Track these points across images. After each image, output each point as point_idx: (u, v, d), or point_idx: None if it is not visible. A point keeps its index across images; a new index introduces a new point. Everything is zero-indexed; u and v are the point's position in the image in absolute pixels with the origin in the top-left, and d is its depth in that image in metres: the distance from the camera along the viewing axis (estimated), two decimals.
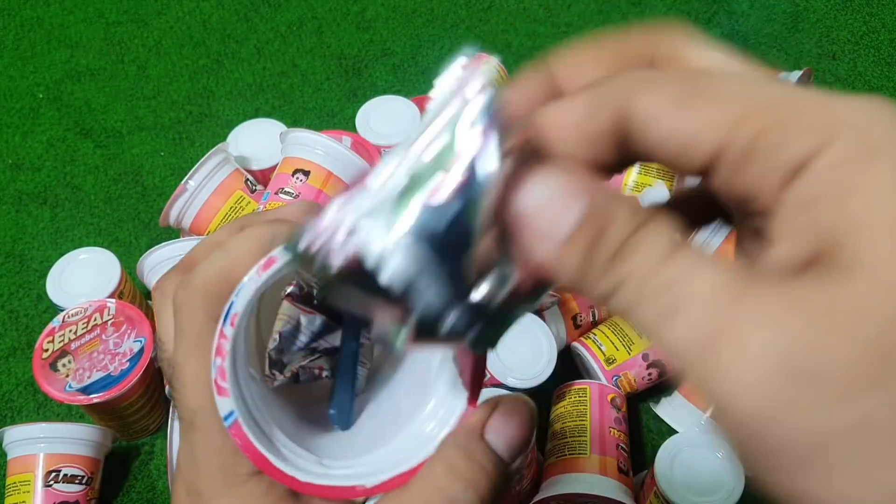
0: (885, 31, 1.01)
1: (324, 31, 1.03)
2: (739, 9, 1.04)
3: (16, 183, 0.90)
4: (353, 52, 1.01)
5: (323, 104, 0.96)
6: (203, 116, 0.96)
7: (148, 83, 0.99)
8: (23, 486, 0.65)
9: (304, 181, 0.72)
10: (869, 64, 0.98)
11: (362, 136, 0.81)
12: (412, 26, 1.03)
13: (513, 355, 0.65)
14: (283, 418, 0.26)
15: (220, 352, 0.23)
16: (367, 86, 0.98)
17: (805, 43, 1.00)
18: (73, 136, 0.94)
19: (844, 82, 0.96)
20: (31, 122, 0.96)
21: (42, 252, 0.85)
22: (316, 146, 0.73)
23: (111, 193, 0.89)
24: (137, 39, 1.03)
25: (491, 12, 1.04)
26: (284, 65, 1.00)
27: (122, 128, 0.95)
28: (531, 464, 0.65)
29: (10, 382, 0.77)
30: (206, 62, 1.01)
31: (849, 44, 1.00)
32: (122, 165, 0.92)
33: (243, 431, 0.23)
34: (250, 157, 0.83)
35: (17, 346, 0.79)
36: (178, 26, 1.04)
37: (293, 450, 0.25)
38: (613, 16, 1.04)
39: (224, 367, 0.23)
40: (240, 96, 0.97)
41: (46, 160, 0.92)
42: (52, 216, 0.88)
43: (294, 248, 0.21)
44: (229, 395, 0.23)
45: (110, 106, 0.97)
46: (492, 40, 1.02)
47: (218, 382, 0.23)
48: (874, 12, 1.03)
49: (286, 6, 1.06)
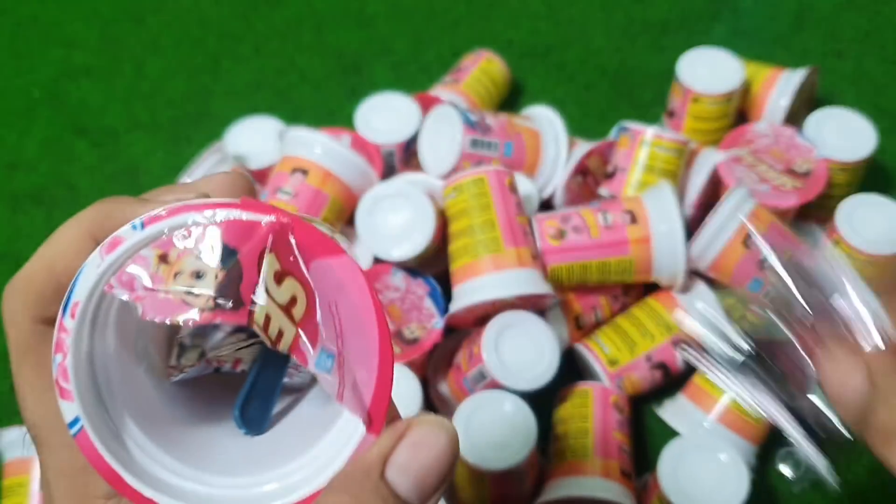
0: (891, 29, 1.00)
1: (323, 29, 1.03)
2: (743, 6, 1.03)
3: (11, 182, 0.90)
4: (352, 50, 1.00)
5: (322, 102, 0.96)
6: (200, 115, 0.95)
7: (145, 81, 0.98)
8: (19, 488, 0.64)
9: (303, 180, 0.72)
10: (874, 62, 0.97)
11: (362, 134, 0.80)
12: (412, 24, 1.02)
13: (514, 357, 0.64)
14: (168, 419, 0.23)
15: (59, 348, 0.20)
16: (366, 84, 0.97)
17: (810, 41, 0.99)
18: (69, 135, 0.94)
19: (850, 81, 0.95)
20: (26, 120, 0.95)
21: None
22: (314, 145, 0.72)
23: (108, 193, 0.88)
24: (134, 37, 1.03)
25: (492, 9, 1.04)
26: (283, 63, 0.99)
27: (119, 126, 0.94)
28: (533, 466, 0.64)
29: (5, 385, 0.76)
30: (204, 60, 1.00)
31: (854, 42, 0.99)
32: (119, 164, 0.91)
33: (90, 440, 0.20)
34: (248, 155, 0.82)
35: None
36: (175, 24, 1.04)
37: (165, 463, 0.22)
38: (616, 13, 1.03)
39: (66, 366, 0.20)
40: (237, 94, 0.97)
41: (42, 159, 0.92)
42: (48, 216, 0.87)
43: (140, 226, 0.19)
44: (73, 398, 0.20)
45: (106, 104, 0.96)
46: (493, 38, 1.01)
47: (60, 383, 0.20)
48: (879, 10, 1.02)
49: (284, 4, 1.05)
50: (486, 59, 0.90)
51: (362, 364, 0.21)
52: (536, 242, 0.69)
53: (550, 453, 0.67)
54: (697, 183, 0.77)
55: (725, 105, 0.79)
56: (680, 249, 0.68)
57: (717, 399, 0.66)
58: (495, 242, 0.66)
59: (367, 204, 0.71)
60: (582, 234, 0.69)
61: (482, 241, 0.67)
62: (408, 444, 0.21)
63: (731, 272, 0.69)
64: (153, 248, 0.20)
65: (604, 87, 0.96)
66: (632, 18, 1.02)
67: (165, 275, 0.20)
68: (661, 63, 0.97)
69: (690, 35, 1.00)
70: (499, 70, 0.91)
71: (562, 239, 0.69)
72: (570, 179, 0.78)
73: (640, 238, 0.69)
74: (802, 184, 0.73)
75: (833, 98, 0.94)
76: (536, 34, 1.01)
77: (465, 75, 0.88)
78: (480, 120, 0.75)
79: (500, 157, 0.75)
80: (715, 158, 0.76)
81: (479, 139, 0.74)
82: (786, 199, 0.72)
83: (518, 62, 0.98)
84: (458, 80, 0.88)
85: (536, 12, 1.03)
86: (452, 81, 0.88)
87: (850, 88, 0.95)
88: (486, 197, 0.68)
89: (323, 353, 0.21)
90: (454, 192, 0.69)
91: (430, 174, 0.76)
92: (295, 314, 0.21)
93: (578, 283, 0.71)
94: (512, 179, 0.69)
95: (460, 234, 0.68)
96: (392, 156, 0.80)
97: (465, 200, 0.68)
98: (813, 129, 0.77)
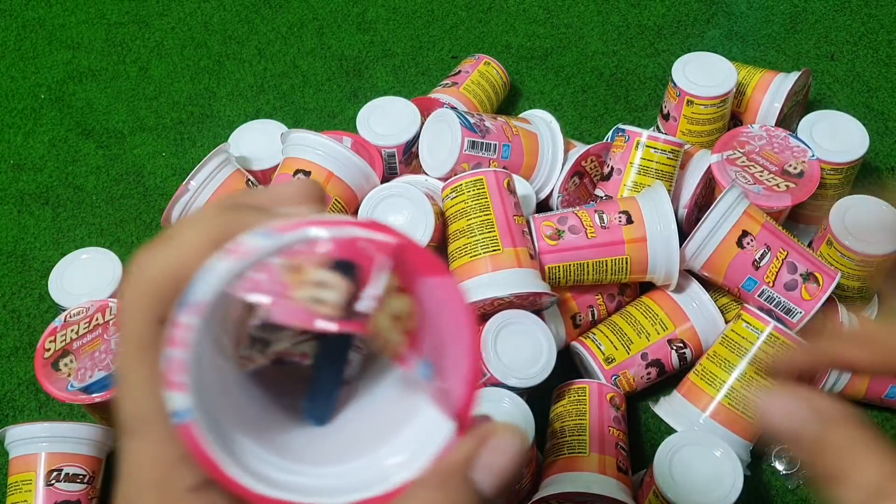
0: (884, 31, 1.01)
1: (325, 33, 1.04)
2: (738, 9, 1.04)
3: (18, 183, 0.91)
4: (353, 53, 1.01)
5: (324, 105, 0.97)
6: (204, 117, 0.96)
7: (149, 84, 0.99)
8: (24, 485, 0.65)
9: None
10: (867, 65, 0.98)
11: (363, 136, 0.81)
12: (412, 27, 1.04)
13: (512, 354, 0.65)
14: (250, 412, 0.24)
15: (176, 343, 0.21)
16: (367, 87, 0.98)
17: (803, 44, 1.00)
18: (75, 137, 0.95)
19: (843, 83, 0.97)
20: (32, 122, 0.96)
21: (44, 252, 0.85)
22: (317, 147, 0.73)
23: (113, 194, 0.90)
24: (139, 40, 1.04)
25: (491, 13, 1.05)
26: (285, 66, 1.00)
27: (124, 128, 0.95)
28: (531, 462, 0.65)
29: (12, 382, 0.77)
30: (208, 63, 1.01)
31: (847, 44, 1.00)
32: (124, 166, 0.92)
33: (193, 432, 0.21)
34: (251, 157, 0.83)
35: (19, 346, 0.79)
36: (180, 27, 1.05)
37: (254, 453, 0.23)
38: (612, 17, 1.04)
39: (179, 360, 0.21)
40: (241, 97, 0.98)
41: (48, 160, 0.93)
42: (54, 216, 0.88)
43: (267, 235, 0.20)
44: (185, 389, 0.21)
45: (112, 107, 0.97)
46: (491, 41, 1.02)
47: (170, 377, 0.21)
48: (872, 13, 1.03)
49: (287, 7, 1.06)
50: (484, 63, 0.92)
51: (455, 373, 0.23)
52: (534, 242, 0.70)
53: (548, 449, 0.68)
54: (692, 184, 0.78)
55: (719, 108, 0.80)
56: (675, 249, 0.69)
57: (712, 396, 0.67)
58: (493, 242, 0.68)
59: (368, 205, 0.72)
60: (578, 234, 0.70)
61: (481, 241, 0.68)
62: (491, 448, 0.23)
63: (724, 271, 0.70)
64: (279, 256, 0.22)
65: (600, 90, 0.97)
66: (628, 23, 1.03)
67: (291, 282, 0.22)
68: (656, 66, 0.99)
69: (685, 39, 1.01)
70: (497, 73, 0.92)
71: (559, 239, 0.70)
72: (567, 181, 0.79)
73: (635, 238, 0.70)
74: (796, 185, 0.74)
75: (826, 100, 0.95)
76: (534, 38, 1.02)
77: (464, 79, 0.89)
78: (479, 122, 0.76)
79: (499, 159, 0.76)
80: (709, 160, 0.77)
81: (477, 141, 0.75)
82: (779, 200, 0.74)
83: (516, 66, 0.99)
84: (457, 83, 0.89)
85: (534, 17, 1.04)
86: (452, 85, 0.89)
87: (843, 90, 0.96)
88: (485, 198, 0.69)
89: (425, 362, 0.23)
90: (453, 193, 0.70)
91: (429, 175, 0.77)
92: (404, 326, 0.23)
93: (575, 283, 0.72)
94: (510, 181, 0.71)
95: (459, 235, 0.69)
96: (392, 157, 0.81)
97: (463, 201, 0.69)
98: (806, 130, 0.78)
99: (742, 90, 0.84)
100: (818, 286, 0.69)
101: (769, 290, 0.69)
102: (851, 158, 0.77)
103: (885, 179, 0.88)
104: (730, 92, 0.80)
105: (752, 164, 0.76)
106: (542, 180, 0.79)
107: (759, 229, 0.69)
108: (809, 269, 0.69)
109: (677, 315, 0.72)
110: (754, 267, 0.69)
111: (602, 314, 0.75)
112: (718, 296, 0.75)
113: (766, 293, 0.69)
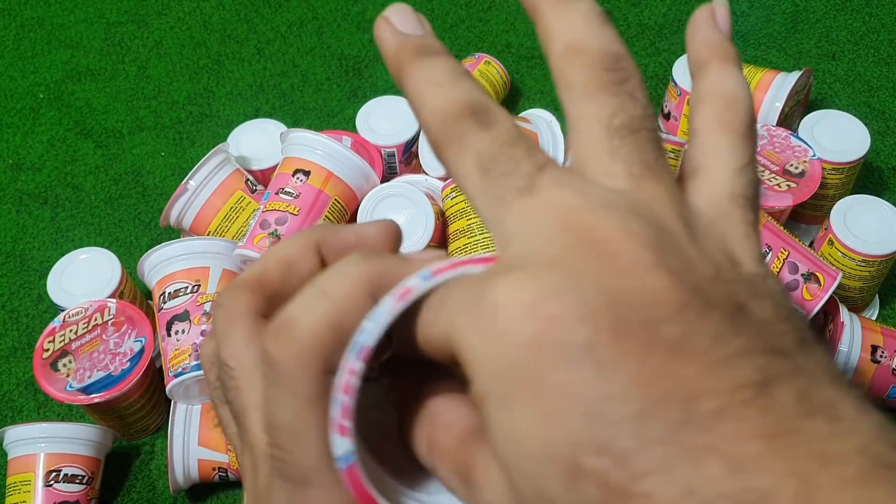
0: (885, 31, 1.01)
1: (324, 32, 1.03)
2: (739, 9, 1.04)
3: (16, 183, 0.91)
4: (353, 53, 1.01)
5: (323, 104, 0.96)
6: (203, 117, 0.96)
7: (148, 83, 0.99)
8: (23, 485, 0.65)
9: (305, 181, 0.73)
10: (868, 64, 0.98)
11: (363, 136, 0.81)
12: None
13: None
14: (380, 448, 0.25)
15: (347, 390, 0.21)
16: (367, 86, 0.98)
17: (805, 43, 1.00)
18: (74, 137, 0.94)
19: (844, 82, 0.96)
20: (31, 122, 0.96)
21: (43, 252, 0.85)
22: (316, 146, 0.73)
23: (112, 193, 0.90)
24: (138, 40, 1.04)
25: (491, 12, 1.05)
26: (285, 65, 1.00)
27: (123, 128, 0.95)
28: None
29: (11, 382, 0.77)
30: (207, 62, 1.01)
31: (848, 44, 1.00)
32: (123, 166, 0.92)
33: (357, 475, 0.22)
34: (251, 157, 0.83)
35: (18, 346, 0.79)
36: (179, 26, 1.05)
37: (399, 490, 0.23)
38: (613, 16, 1.04)
39: (349, 406, 0.21)
40: (240, 96, 0.97)
41: (47, 160, 0.92)
42: (53, 216, 0.88)
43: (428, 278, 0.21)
44: (351, 435, 0.21)
45: (111, 106, 0.97)
46: (491, 41, 1.02)
47: (341, 423, 0.21)
48: (874, 12, 1.03)
49: (286, 6, 1.06)
50: (485, 62, 0.91)
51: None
52: None
53: None
54: None
55: None
56: None
57: None
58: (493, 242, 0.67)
59: (368, 204, 0.72)
60: None
61: (481, 241, 0.68)
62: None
63: None
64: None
65: None
66: (628, 21, 1.03)
67: None
68: (657, 66, 0.98)
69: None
70: (497, 73, 0.92)
71: None
72: None
73: None
74: (797, 184, 0.74)
75: (827, 100, 0.95)
76: (534, 37, 1.01)
77: None
78: None
79: None
80: None
81: None
82: (781, 200, 0.73)
83: (516, 65, 0.99)
84: None
85: None
86: None
87: (845, 90, 0.96)
88: None
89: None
90: (453, 192, 0.70)
91: (429, 175, 0.77)
92: None
93: None
94: None
95: (459, 235, 0.69)
96: (392, 157, 0.81)
97: (464, 201, 0.69)
98: (807, 130, 0.78)
99: None
100: (819, 286, 0.69)
101: None
102: (853, 158, 0.77)
103: (886, 179, 0.88)
104: None
105: None
106: None
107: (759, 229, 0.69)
108: (811, 270, 0.69)
109: None
110: None
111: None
112: None
113: None
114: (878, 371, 0.70)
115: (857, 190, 0.80)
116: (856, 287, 0.74)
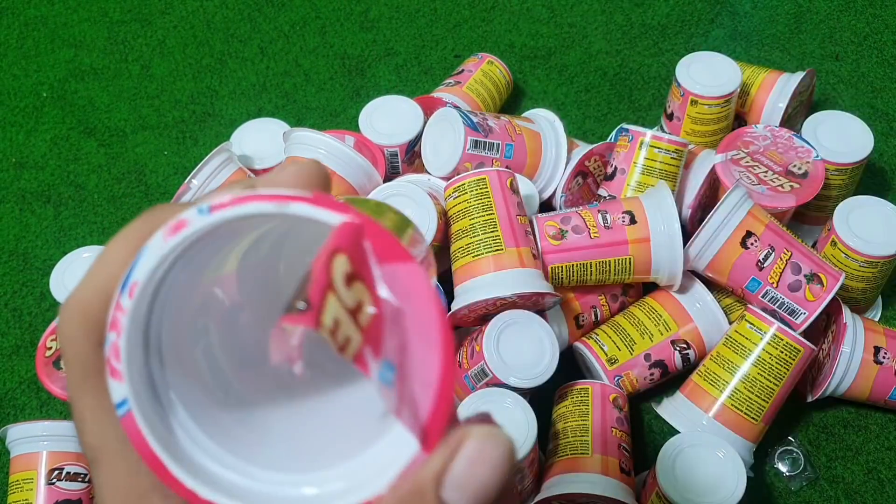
0: (889, 32, 1.01)
1: (327, 31, 1.03)
2: (742, 9, 1.04)
3: (19, 181, 0.91)
4: (356, 52, 1.01)
5: (326, 104, 0.96)
6: (206, 116, 0.96)
7: (151, 82, 0.99)
8: (25, 483, 0.65)
9: None
10: (872, 65, 0.98)
11: (365, 135, 0.81)
12: (415, 26, 1.03)
13: (515, 355, 0.65)
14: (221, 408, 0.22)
15: (114, 326, 0.19)
16: (370, 86, 0.98)
17: (808, 44, 1.00)
18: (77, 135, 0.95)
19: (847, 83, 0.96)
20: (34, 120, 0.96)
21: (45, 250, 0.85)
22: (319, 146, 0.73)
23: (114, 192, 0.90)
24: (141, 38, 1.04)
25: (494, 12, 1.05)
26: (288, 64, 1.00)
27: (126, 127, 0.95)
28: (533, 463, 0.65)
29: (14, 380, 0.77)
30: (210, 61, 1.01)
31: (852, 45, 1.00)
32: (126, 164, 0.92)
33: (136, 425, 0.19)
34: (253, 156, 0.83)
35: (21, 345, 0.79)
36: (182, 25, 1.05)
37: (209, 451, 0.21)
38: (616, 17, 1.04)
39: (119, 345, 0.19)
40: (243, 96, 0.98)
41: (50, 159, 0.93)
42: (56, 215, 0.88)
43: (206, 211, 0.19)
44: (124, 378, 0.19)
45: (114, 105, 0.97)
46: (495, 40, 1.02)
47: (111, 363, 0.19)
48: (877, 13, 1.03)
49: (290, 6, 1.06)
50: (488, 62, 0.91)
51: (422, 378, 0.19)
52: (537, 242, 0.70)
53: (550, 450, 0.68)
54: (696, 184, 0.78)
55: (723, 108, 0.80)
56: (678, 249, 0.69)
57: (715, 398, 0.67)
58: (496, 242, 0.68)
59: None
60: (582, 234, 0.70)
61: (483, 240, 0.68)
62: (464, 460, 0.19)
63: (728, 272, 0.70)
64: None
65: (604, 89, 0.97)
66: (631, 22, 1.03)
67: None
68: (660, 66, 0.98)
69: (689, 38, 1.01)
70: (500, 72, 0.92)
71: (562, 239, 0.70)
72: (571, 180, 0.79)
73: (639, 238, 0.70)
74: (800, 185, 0.74)
75: (831, 100, 0.95)
76: (537, 37, 1.02)
77: (467, 78, 0.89)
78: (482, 122, 0.76)
79: (502, 159, 0.76)
80: (713, 160, 0.76)
81: (480, 141, 0.74)
82: (783, 201, 0.73)
83: (519, 65, 0.99)
84: (460, 82, 0.89)
85: (538, 16, 1.04)
86: (455, 84, 0.89)
87: (848, 91, 0.95)
88: (488, 197, 0.69)
89: (385, 364, 0.19)
90: (456, 192, 0.70)
91: (432, 175, 0.77)
92: (361, 321, 0.19)
93: (578, 283, 0.72)
94: (513, 180, 0.70)
95: (462, 234, 0.69)
96: (395, 157, 0.81)
97: (466, 201, 0.69)
98: (810, 131, 0.78)
99: (746, 90, 0.84)
100: (822, 287, 0.69)
101: (773, 291, 0.69)
102: (856, 159, 0.76)
103: (889, 180, 0.88)
104: (734, 92, 0.79)
105: (757, 165, 0.76)
106: (546, 180, 0.79)
107: (762, 230, 0.69)
108: (813, 270, 0.69)
109: (681, 316, 0.72)
110: (758, 268, 0.69)
111: (605, 315, 0.75)
112: (722, 296, 0.75)
113: (769, 294, 0.69)
114: (880, 372, 0.70)
115: (861, 191, 0.80)
116: (858, 288, 0.74)
